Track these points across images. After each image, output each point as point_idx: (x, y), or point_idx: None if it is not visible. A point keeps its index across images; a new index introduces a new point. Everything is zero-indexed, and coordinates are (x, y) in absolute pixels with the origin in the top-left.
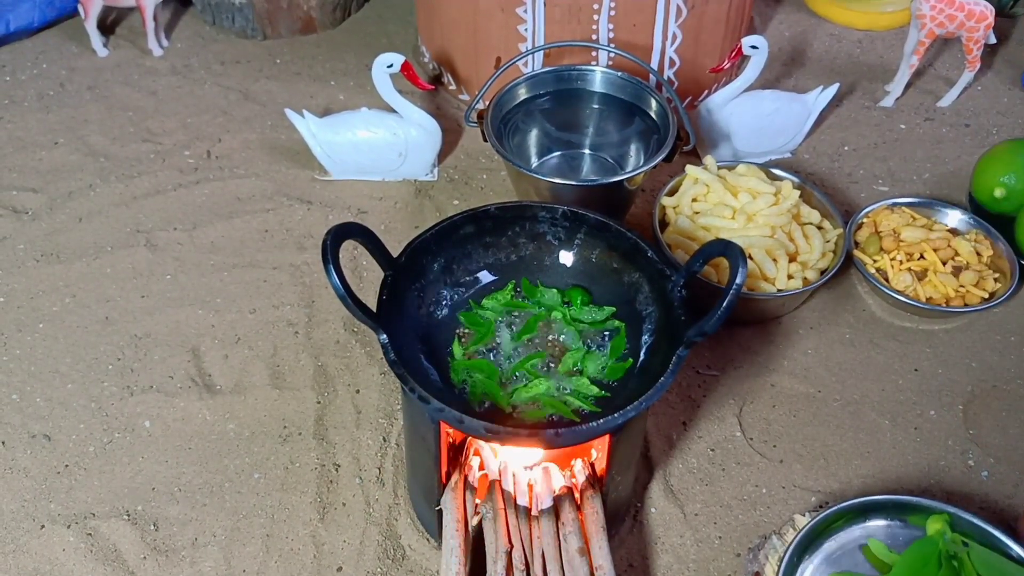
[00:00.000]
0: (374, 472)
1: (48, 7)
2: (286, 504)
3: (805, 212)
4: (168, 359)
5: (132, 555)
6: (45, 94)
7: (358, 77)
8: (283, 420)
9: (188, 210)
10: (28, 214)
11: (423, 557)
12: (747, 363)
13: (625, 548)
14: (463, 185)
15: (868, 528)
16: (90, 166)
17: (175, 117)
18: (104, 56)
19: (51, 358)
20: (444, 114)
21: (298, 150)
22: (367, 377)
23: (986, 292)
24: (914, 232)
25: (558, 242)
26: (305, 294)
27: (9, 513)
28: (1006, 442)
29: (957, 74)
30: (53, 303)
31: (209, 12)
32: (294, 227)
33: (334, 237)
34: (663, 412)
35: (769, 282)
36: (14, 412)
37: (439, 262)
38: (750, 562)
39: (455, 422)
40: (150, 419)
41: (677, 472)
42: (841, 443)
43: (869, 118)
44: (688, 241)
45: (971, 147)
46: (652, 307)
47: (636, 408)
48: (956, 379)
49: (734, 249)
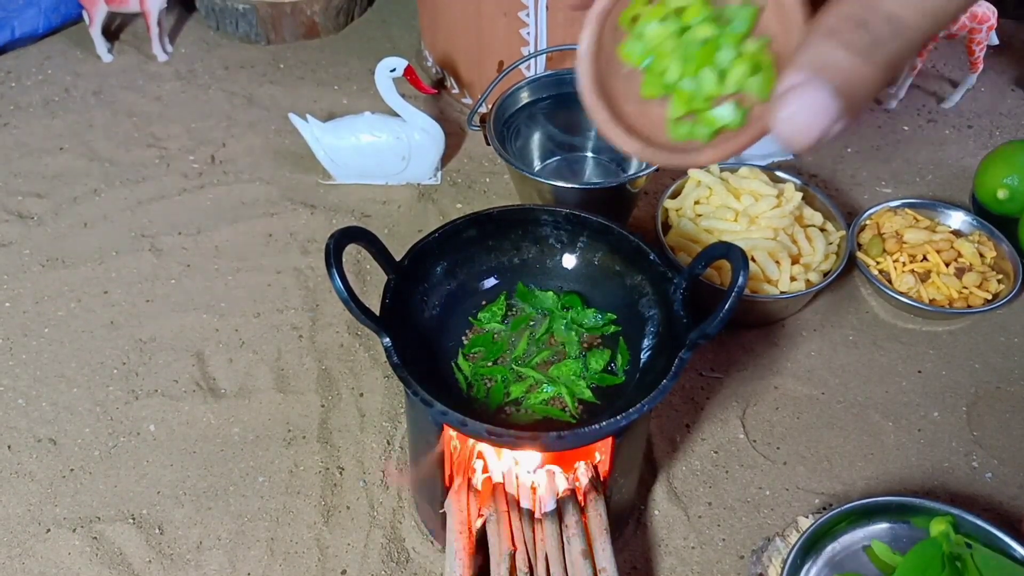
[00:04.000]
0: (378, 475)
1: (53, 13)
2: (290, 507)
3: (808, 214)
4: (173, 363)
5: (137, 559)
6: (50, 100)
7: (361, 81)
8: (287, 424)
9: (193, 215)
10: (33, 219)
11: (427, 560)
12: (750, 365)
13: (629, 550)
14: (466, 189)
15: (871, 530)
16: (95, 171)
17: (179, 122)
18: (109, 62)
19: (56, 362)
20: (447, 118)
21: (302, 154)
22: (371, 380)
23: (989, 293)
24: (917, 234)
25: (560, 245)
26: (309, 298)
27: (15, 517)
28: (1010, 443)
29: (960, 75)
30: (58, 308)
31: (213, 17)
32: (298, 231)
33: (337, 241)
34: (666, 414)
35: (772, 284)
36: (20, 416)
37: (442, 265)
38: (753, 564)
39: (458, 425)
40: (155, 423)
41: (680, 474)
42: (844, 445)
43: (872, 120)
44: (691, 244)
45: (974, 148)
46: (655, 310)
47: (639, 410)
48: (960, 381)
49: (736, 251)
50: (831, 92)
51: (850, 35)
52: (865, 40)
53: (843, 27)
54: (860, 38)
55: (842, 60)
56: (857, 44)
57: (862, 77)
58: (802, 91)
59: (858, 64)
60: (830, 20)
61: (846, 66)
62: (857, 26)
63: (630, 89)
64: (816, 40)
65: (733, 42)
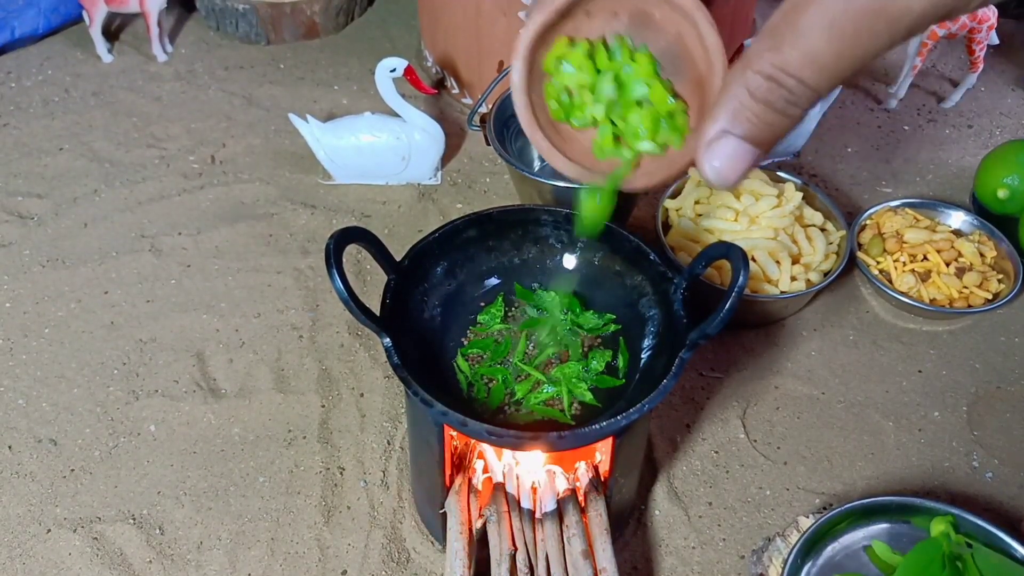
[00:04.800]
0: (378, 475)
1: (53, 14)
2: (291, 507)
3: (808, 214)
4: (173, 363)
5: (138, 559)
6: (50, 100)
7: (361, 82)
8: (288, 424)
9: (193, 215)
10: (33, 220)
11: (427, 560)
12: (750, 365)
13: (629, 550)
14: (466, 189)
15: (872, 530)
16: (95, 172)
17: (179, 122)
18: (109, 62)
19: (57, 363)
20: (447, 118)
21: (302, 155)
22: (371, 380)
23: (990, 293)
24: (917, 233)
25: (561, 245)
26: (309, 298)
27: (15, 517)
28: (1010, 443)
29: (960, 75)
30: (59, 308)
31: (213, 18)
32: (298, 231)
33: (337, 241)
34: (666, 414)
35: (772, 284)
36: (20, 417)
37: (442, 266)
38: (754, 564)
39: (458, 425)
40: (155, 423)
41: (681, 474)
42: (845, 445)
43: (872, 119)
44: (691, 244)
45: (974, 148)
46: (655, 310)
47: (639, 410)
48: (960, 380)
49: (736, 251)
50: (748, 143)
51: (765, 91)
52: (775, 95)
53: (758, 84)
54: (771, 92)
55: (758, 112)
56: (768, 98)
57: (772, 127)
58: (723, 144)
59: (769, 114)
60: (747, 75)
61: (759, 118)
62: (768, 79)
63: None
64: (735, 89)
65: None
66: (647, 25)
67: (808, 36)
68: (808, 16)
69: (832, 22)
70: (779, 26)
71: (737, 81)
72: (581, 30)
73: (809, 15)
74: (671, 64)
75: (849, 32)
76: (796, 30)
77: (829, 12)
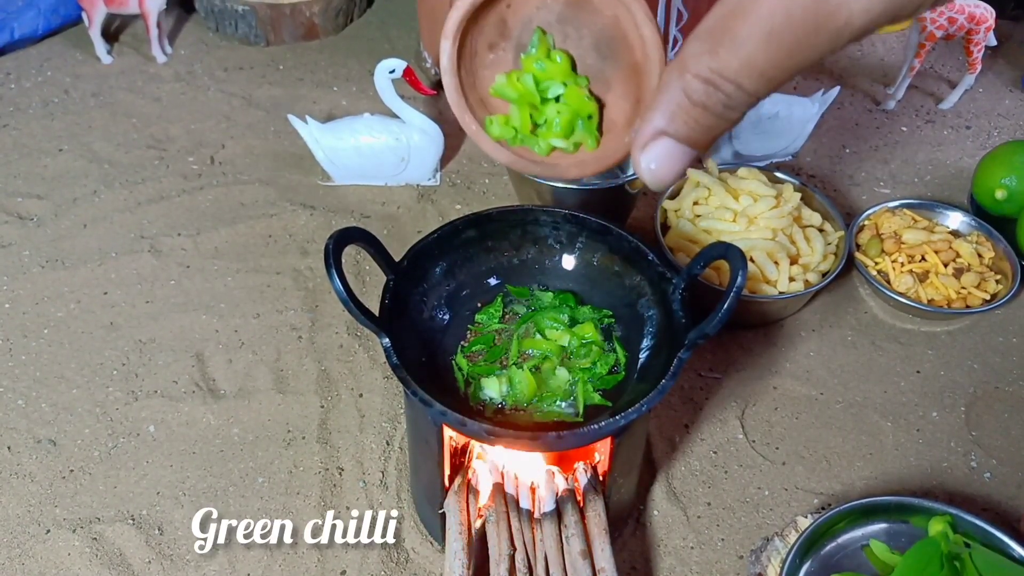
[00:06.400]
0: (377, 476)
1: (52, 15)
2: (290, 507)
3: (806, 215)
4: (172, 364)
5: (137, 559)
6: (50, 101)
7: (361, 83)
8: (287, 424)
9: (192, 216)
10: (33, 220)
11: (426, 560)
12: (749, 365)
13: (628, 550)
14: (465, 189)
15: (870, 530)
16: (94, 172)
17: (179, 123)
18: (108, 63)
19: (56, 363)
20: (446, 119)
21: (301, 155)
22: (370, 381)
23: (988, 294)
24: (915, 234)
25: (560, 246)
26: (308, 299)
27: (15, 518)
28: (1008, 443)
29: (958, 76)
30: (58, 309)
31: (212, 19)
32: (297, 232)
33: (337, 242)
34: (665, 414)
35: (770, 284)
36: (19, 417)
37: (441, 266)
38: (752, 564)
39: (457, 425)
40: (155, 424)
41: (679, 474)
42: (843, 445)
43: (870, 120)
44: (690, 244)
45: (972, 149)
46: (653, 310)
47: (638, 410)
48: (958, 381)
49: (735, 252)
50: (683, 144)
51: (702, 95)
52: (713, 99)
53: (695, 87)
54: (708, 96)
55: (695, 115)
56: (705, 102)
57: (709, 129)
58: (659, 145)
59: (706, 117)
60: (685, 78)
61: (696, 121)
62: (706, 83)
63: (497, 104)
64: (672, 90)
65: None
66: (583, 7)
67: (746, 44)
68: (748, 24)
69: (771, 32)
70: (717, 30)
71: (674, 83)
72: (513, 11)
73: (749, 23)
74: (607, 47)
75: (788, 42)
76: (734, 37)
77: (768, 22)
